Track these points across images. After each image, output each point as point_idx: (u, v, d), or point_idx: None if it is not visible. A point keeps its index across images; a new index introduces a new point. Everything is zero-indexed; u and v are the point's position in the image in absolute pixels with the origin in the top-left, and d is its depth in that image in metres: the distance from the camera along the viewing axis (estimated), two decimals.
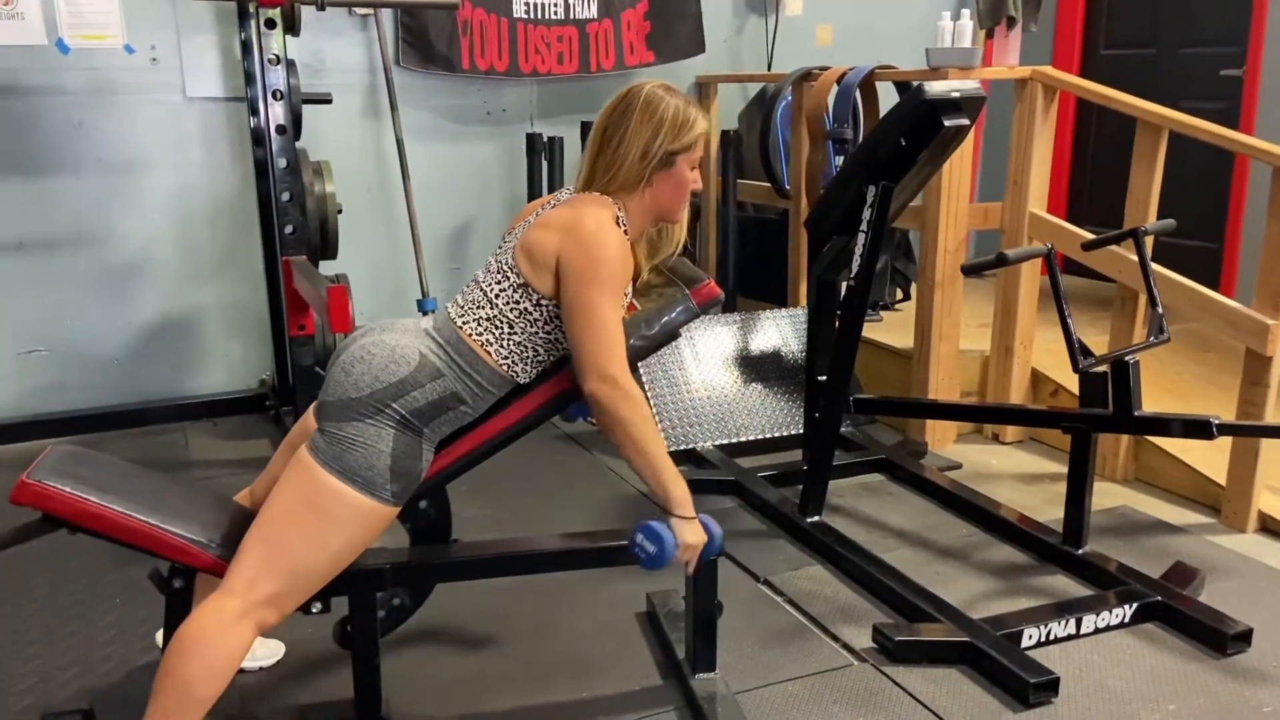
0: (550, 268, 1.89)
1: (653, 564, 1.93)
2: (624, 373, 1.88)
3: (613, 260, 1.88)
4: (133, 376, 4.15)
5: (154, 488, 1.95)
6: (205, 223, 4.16)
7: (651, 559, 1.92)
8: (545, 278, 1.90)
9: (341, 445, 1.79)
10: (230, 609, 1.73)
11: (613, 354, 1.87)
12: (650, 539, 1.92)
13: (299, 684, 2.29)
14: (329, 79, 4.20)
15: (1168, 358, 4.05)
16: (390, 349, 1.86)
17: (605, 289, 1.87)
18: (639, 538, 1.93)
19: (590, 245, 1.87)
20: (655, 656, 2.41)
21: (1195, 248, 4.67)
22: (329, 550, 1.79)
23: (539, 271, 1.89)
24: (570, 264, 1.87)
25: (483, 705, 2.22)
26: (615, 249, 1.88)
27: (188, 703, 1.71)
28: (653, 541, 1.91)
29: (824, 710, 2.20)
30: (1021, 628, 2.42)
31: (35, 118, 3.84)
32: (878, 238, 2.86)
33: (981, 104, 2.77)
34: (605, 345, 1.86)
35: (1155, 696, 2.25)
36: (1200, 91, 4.68)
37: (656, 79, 2.08)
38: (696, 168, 2.02)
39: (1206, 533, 3.07)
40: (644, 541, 1.92)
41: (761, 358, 3.87)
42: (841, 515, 3.20)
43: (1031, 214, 3.62)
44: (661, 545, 1.91)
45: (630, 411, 1.88)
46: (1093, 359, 2.60)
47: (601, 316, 1.86)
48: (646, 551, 1.92)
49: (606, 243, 1.87)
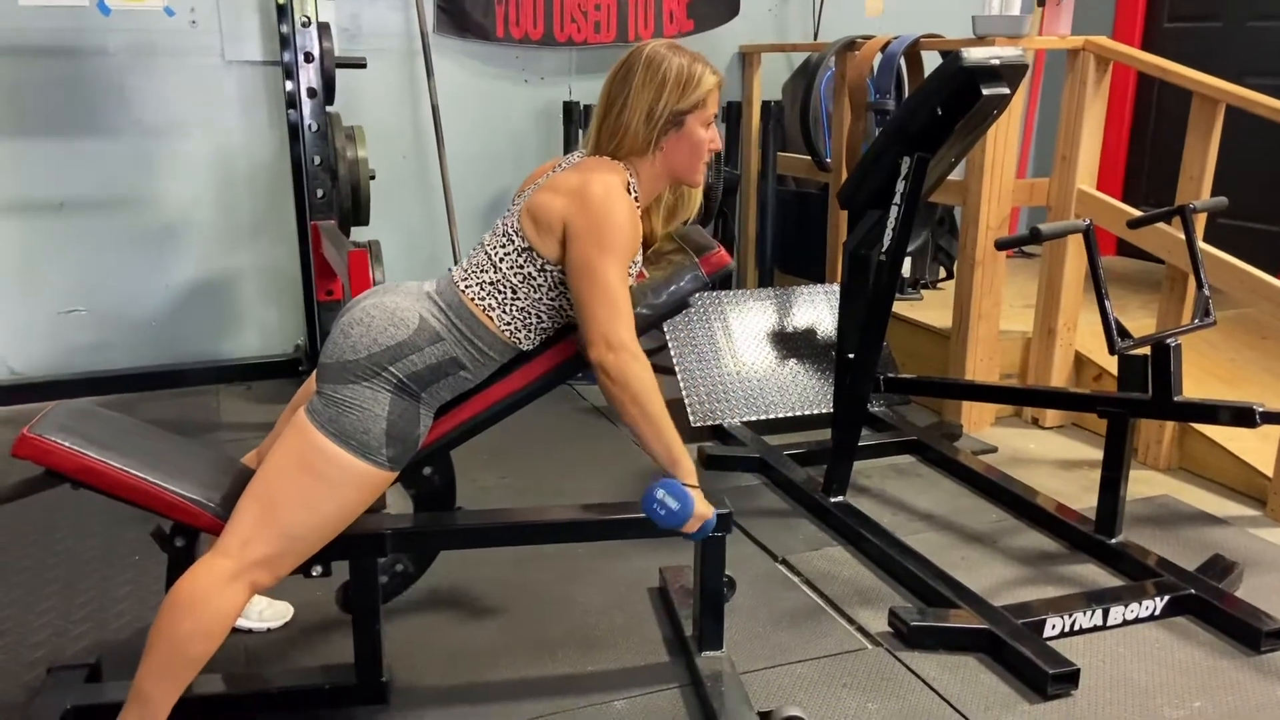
0: (555, 232, 1.84)
1: (669, 521, 1.88)
2: (632, 340, 1.83)
3: (621, 227, 1.82)
4: (169, 338, 4.19)
5: (158, 446, 1.95)
6: (243, 186, 4.17)
7: (672, 515, 1.87)
8: (550, 242, 1.85)
9: (338, 408, 1.76)
10: (223, 569, 1.72)
11: (619, 320, 1.82)
12: (675, 495, 1.86)
13: (305, 646, 2.29)
14: (366, 44, 4.18)
15: (1221, 343, 3.90)
16: (390, 312, 1.82)
17: (612, 255, 1.82)
18: (659, 493, 1.87)
19: (598, 211, 1.82)
20: (664, 632, 2.37)
21: (1259, 231, 4.49)
22: (323, 513, 1.76)
23: (544, 236, 1.84)
24: (576, 229, 1.82)
25: (485, 675, 2.20)
26: (623, 216, 1.83)
27: (179, 661, 1.71)
28: (677, 499, 1.86)
29: (832, 694, 2.15)
30: (1044, 617, 2.33)
31: (76, 79, 3.87)
32: (911, 211, 2.77)
33: (1023, 72, 2.66)
34: (612, 311, 1.81)
35: (1181, 692, 2.16)
36: (1269, 66, 4.48)
37: (664, 40, 2.01)
38: (712, 124, 1.95)
39: (1250, 525, 2.94)
40: (666, 497, 1.87)
41: (794, 334, 3.79)
42: (868, 496, 3.13)
43: (1080, 190, 3.48)
44: (685, 504, 1.87)
45: (637, 378, 1.83)
46: (1131, 341, 2.49)
47: (608, 282, 1.81)
48: (668, 507, 1.86)
49: (614, 209, 1.82)
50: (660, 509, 1.87)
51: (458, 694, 2.13)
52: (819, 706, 2.10)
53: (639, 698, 2.12)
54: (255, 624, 2.31)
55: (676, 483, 1.88)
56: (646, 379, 1.84)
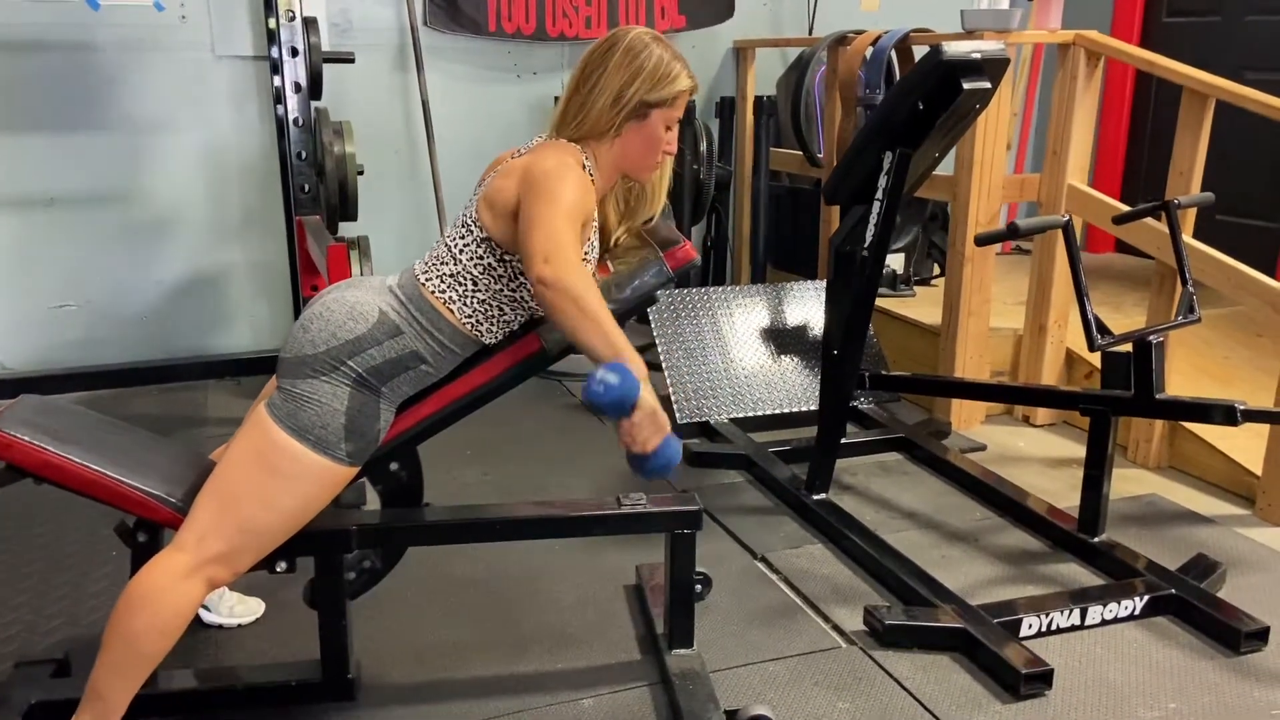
0: (510, 215, 1.80)
1: (609, 397, 1.66)
2: (574, 259, 1.71)
3: (568, 185, 1.77)
4: (160, 333, 4.19)
5: (121, 440, 1.94)
6: (233, 182, 4.17)
7: (611, 389, 1.66)
8: (507, 228, 1.82)
9: (296, 402, 1.75)
10: (179, 565, 1.71)
11: (561, 243, 1.71)
12: (614, 372, 1.67)
13: (276, 642, 2.28)
14: (356, 39, 4.17)
15: (1215, 340, 3.87)
16: (349, 305, 1.81)
17: (557, 205, 1.74)
18: (599, 373, 1.67)
19: (545, 174, 1.77)
20: (637, 630, 2.35)
21: (1257, 227, 4.45)
22: (281, 509, 1.75)
23: (500, 221, 1.82)
24: (524, 194, 1.77)
25: (453, 672, 2.19)
26: (573, 180, 1.78)
27: (133, 657, 1.70)
28: (617, 374, 1.67)
29: (802, 693, 2.13)
30: (1021, 616, 2.31)
31: (66, 74, 3.87)
32: (894, 207, 2.74)
33: (1005, 67, 2.63)
34: (551, 236, 1.71)
35: (1157, 693, 2.13)
36: (1268, 61, 4.43)
37: (651, 31, 1.99)
38: (674, 128, 1.93)
39: (1238, 525, 2.91)
40: (605, 375, 1.67)
41: (783, 331, 3.77)
42: (852, 494, 3.10)
43: (1070, 186, 3.45)
44: (625, 379, 1.67)
45: (575, 282, 1.68)
46: (1112, 338, 2.46)
47: (551, 221, 1.72)
48: (607, 383, 1.66)
49: (564, 174, 1.78)
50: (599, 386, 1.66)
51: (425, 691, 2.12)
52: (788, 705, 2.08)
53: (607, 696, 2.11)
54: (226, 620, 2.30)
55: (619, 364, 1.70)
56: (585, 280, 1.71)
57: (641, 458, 1.74)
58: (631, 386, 1.67)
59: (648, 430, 1.70)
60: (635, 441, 1.70)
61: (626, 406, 1.68)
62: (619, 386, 1.65)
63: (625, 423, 1.69)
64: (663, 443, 1.73)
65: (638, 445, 1.71)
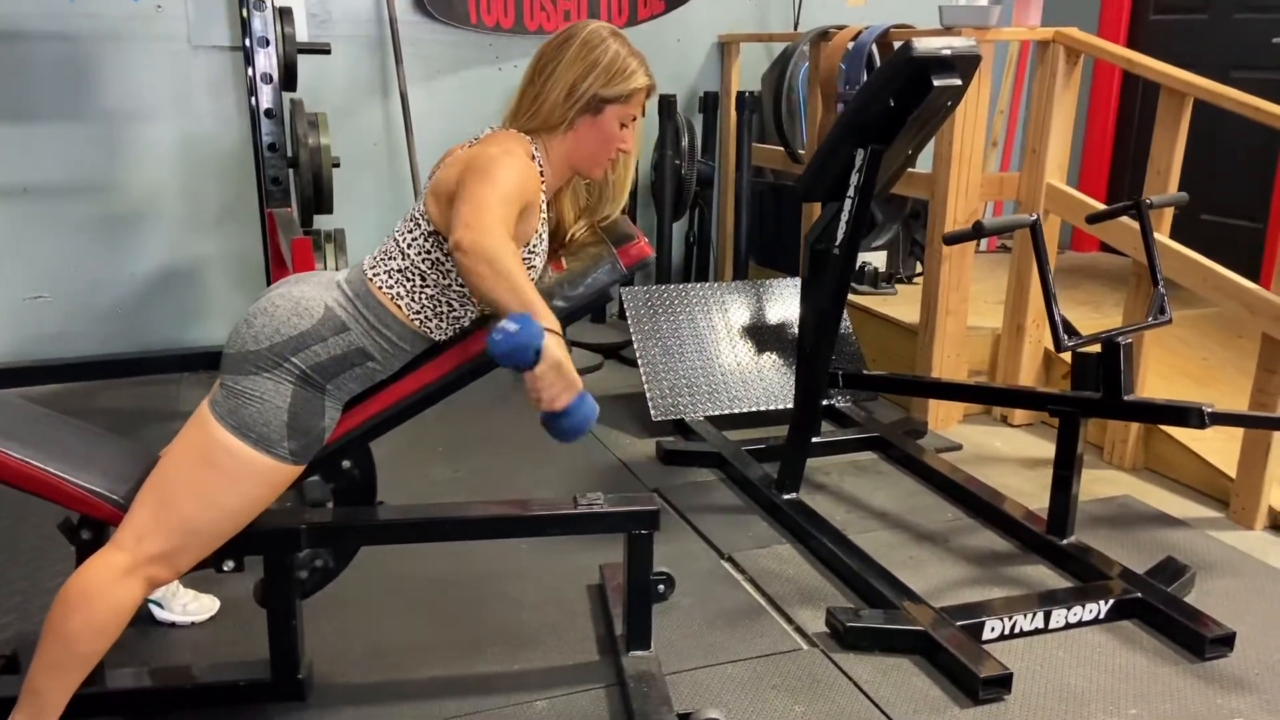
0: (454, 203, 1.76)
1: (509, 343, 1.57)
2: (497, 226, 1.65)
3: (508, 171, 1.72)
4: (135, 325, 4.16)
5: (66, 436, 1.91)
6: (209, 174, 4.14)
7: (509, 336, 1.57)
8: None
9: (238, 399, 1.73)
10: (117, 564, 1.68)
11: (482, 211, 1.65)
12: (515, 321, 1.59)
13: (227, 641, 2.25)
14: (336, 29, 4.14)
15: (1195, 341, 3.84)
16: (295, 301, 1.78)
17: (492, 183, 1.68)
18: (501, 322, 1.59)
19: (487, 160, 1.73)
20: (598, 631, 2.33)
21: (1241, 227, 4.42)
22: (222, 508, 1.72)
23: (446, 212, 1.76)
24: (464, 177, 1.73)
25: (406, 673, 2.16)
26: (514, 167, 1.74)
27: (69, 657, 1.68)
28: (517, 323, 1.58)
29: (758, 695, 2.10)
30: (984, 619, 2.28)
31: (40, 64, 3.84)
32: (865, 205, 2.72)
33: (976, 63, 2.60)
34: (478, 208, 1.65)
35: (1117, 699, 2.11)
36: (1255, 60, 4.40)
37: (611, 26, 1.96)
38: (629, 126, 1.90)
39: (1211, 528, 2.89)
40: (506, 323, 1.58)
41: (761, 328, 3.74)
42: (825, 493, 3.08)
43: (1049, 185, 3.42)
44: (525, 326, 1.58)
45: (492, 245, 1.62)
46: (1079, 339, 2.43)
47: (481, 197, 1.67)
48: (505, 330, 1.57)
49: (505, 161, 1.73)
50: (498, 334, 1.58)
51: (378, 692, 2.10)
52: (743, 708, 2.06)
53: (561, 698, 2.08)
54: (180, 618, 2.28)
55: (524, 314, 1.61)
56: (502, 243, 1.63)
57: (552, 417, 1.66)
58: (532, 334, 1.58)
59: (555, 385, 1.61)
60: (542, 397, 1.62)
61: (528, 356, 1.58)
62: (516, 335, 1.57)
63: (529, 376, 1.60)
64: (575, 401, 1.65)
65: (545, 402, 1.63)
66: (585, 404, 1.66)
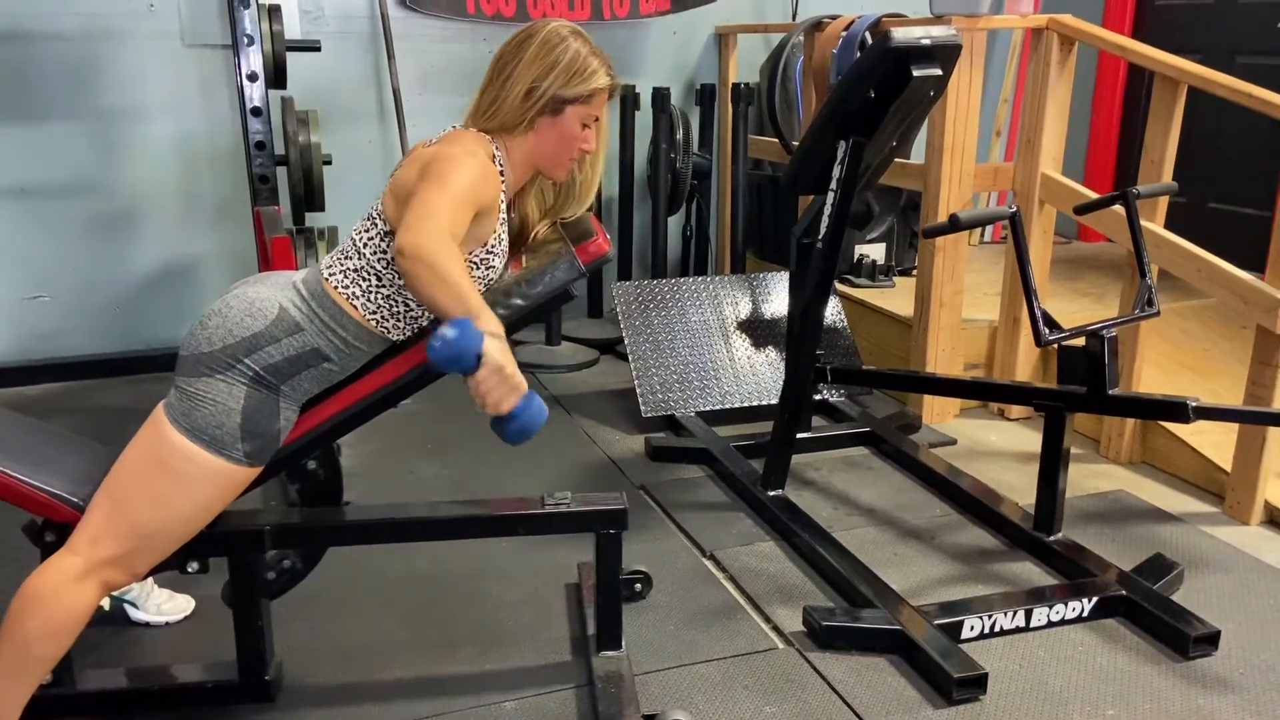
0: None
1: (448, 349, 1.54)
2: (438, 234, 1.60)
3: (463, 173, 1.69)
4: (133, 324, 4.18)
5: (30, 438, 1.92)
6: (204, 172, 4.15)
7: (447, 344, 1.54)
8: None
9: (191, 401, 1.72)
10: (72, 567, 1.68)
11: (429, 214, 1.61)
12: (455, 326, 1.55)
13: (199, 642, 2.25)
14: (328, 26, 4.13)
15: (1196, 332, 3.78)
16: (249, 301, 1.77)
17: (443, 186, 1.65)
18: (440, 329, 1.56)
19: (443, 160, 1.70)
20: (571, 630, 2.31)
21: (1248, 215, 4.34)
22: (177, 511, 1.72)
23: (403, 211, 1.75)
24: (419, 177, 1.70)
25: (379, 673, 2.15)
26: (470, 169, 1.71)
27: (25, 660, 1.67)
28: (456, 328, 1.55)
29: (730, 696, 2.08)
30: (963, 618, 2.25)
31: (33, 63, 3.85)
32: (848, 197, 2.68)
33: (957, 53, 2.56)
34: (426, 212, 1.62)
35: (1096, 699, 2.07)
36: (1261, 45, 4.32)
37: (571, 24, 1.93)
38: (591, 126, 1.88)
39: (1205, 523, 2.83)
40: (445, 329, 1.55)
41: (753, 322, 3.71)
42: (812, 489, 3.05)
43: (1044, 175, 3.37)
44: (463, 332, 1.55)
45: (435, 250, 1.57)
46: (1062, 333, 2.39)
47: (431, 200, 1.63)
48: (444, 338, 1.54)
49: (461, 162, 1.70)
50: (436, 341, 1.55)
51: (347, 693, 2.09)
52: (714, 709, 2.04)
53: (530, 699, 2.07)
54: (154, 618, 2.28)
55: (465, 320, 1.58)
56: (445, 247, 1.59)
57: (499, 421, 1.63)
58: (471, 339, 1.55)
59: (498, 390, 1.58)
60: (486, 401, 1.59)
61: (468, 362, 1.56)
62: (455, 341, 1.53)
63: (471, 381, 1.57)
64: (521, 404, 1.62)
65: (489, 406, 1.60)
66: (532, 407, 1.64)
